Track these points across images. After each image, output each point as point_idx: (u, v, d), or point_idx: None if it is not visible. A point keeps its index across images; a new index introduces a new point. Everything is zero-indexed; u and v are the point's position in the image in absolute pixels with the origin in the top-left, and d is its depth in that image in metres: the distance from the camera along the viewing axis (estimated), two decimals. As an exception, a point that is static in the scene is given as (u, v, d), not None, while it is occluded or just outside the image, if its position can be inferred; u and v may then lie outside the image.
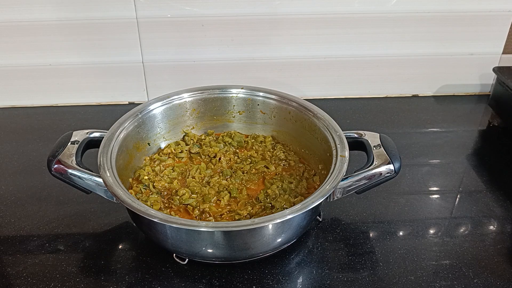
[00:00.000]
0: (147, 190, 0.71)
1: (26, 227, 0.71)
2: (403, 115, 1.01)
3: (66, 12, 0.91)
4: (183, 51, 0.98)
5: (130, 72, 1.00)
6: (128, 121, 0.73)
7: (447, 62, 1.04)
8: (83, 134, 0.70)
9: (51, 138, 0.81)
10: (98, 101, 1.04)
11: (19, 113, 1.01)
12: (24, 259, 0.65)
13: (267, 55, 0.99)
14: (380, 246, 0.68)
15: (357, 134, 0.72)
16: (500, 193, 0.79)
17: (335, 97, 1.06)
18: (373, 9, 0.95)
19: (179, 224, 0.55)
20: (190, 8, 0.93)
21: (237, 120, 0.84)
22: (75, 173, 0.65)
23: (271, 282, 0.62)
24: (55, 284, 0.61)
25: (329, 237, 0.69)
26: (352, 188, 0.66)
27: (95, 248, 0.67)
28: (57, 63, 0.98)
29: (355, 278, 0.63)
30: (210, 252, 0.59)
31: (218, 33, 0.96)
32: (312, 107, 0.76)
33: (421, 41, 1.00)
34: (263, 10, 0.94)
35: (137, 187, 0.71)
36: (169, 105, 0.79)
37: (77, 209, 0.74)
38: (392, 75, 1.05)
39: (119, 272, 0.63)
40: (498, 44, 1.02)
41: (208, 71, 1.01)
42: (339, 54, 1.01)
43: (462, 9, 0.97)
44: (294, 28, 0.96)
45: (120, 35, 0.95)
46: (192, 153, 0.79)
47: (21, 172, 0.82)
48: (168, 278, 0.62)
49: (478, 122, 1.01)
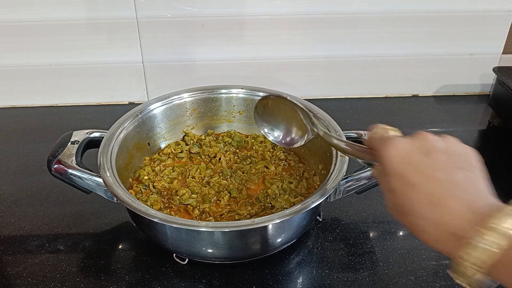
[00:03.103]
0: (147, 190, 0.71)
1: (26, 227, 0.71)
2: (403, 115, 1.01)
3: (66, 12, 0.91)
4: (183, 51, 0.98)
5: (130, 72, 1.00)
6: (128, 121, 0.73)
7: (447, 62, 1.04)
8: (83, 134, 0.70)
9: (51, 138, 0.82)
10: (98, 101, 1.04)
11: (19, 113, 1.01)
12: (24, 259, 0.65)
13: (267, 55, 0.99)
14: (380, 246, 0.68)
15: (357, 134, 0.72)
16: (500, 193, 0.78)
17: (335, 97, 1.06)
18: (373, 9, 0.95)
19: (179, 224, 0.55)
20: (190, 8, 0.93)
21: (237, 120, 0.84)
22: (75, 173, 0.65)
23: (271, 282, 0.62)
24: (55, 284, 0.61)
25: (329, 237, 0.69)
26: (352, 188, 0.66)
27: (95, 248, 0.67)
28: (57, 63, 0.98)
29: (355, 278, 0.63)
30: (210, 252, 0.59)
31: (218, 33, 0.96)
32: (312, 107, 0.76)
33: (421, 41, 1.00)
34: (263, 10, 0.94)
35: (137, 187, 0.71)
36: (169, 105, 0.79)
37: (77, 209, 0.74)
38: (392, 75, 1.05)
39: (119, 272, 0.63)
40: (498, 44, 1.02)
41: (208, 71, 1.01)
42: (339, 54, 1.01)
43: (462, 9, 0.97)
44: (294, 28, 0.96)
45: (120, 35, 0.95)
46: (192, 153, 0.79)
47: (21, 172, 0.82)
48: (168, 278, 0.62)
49: (478, 122, 1.01)
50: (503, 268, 0.33)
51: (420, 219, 0.37)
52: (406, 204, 0.38)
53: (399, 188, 0.39)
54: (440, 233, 0.36)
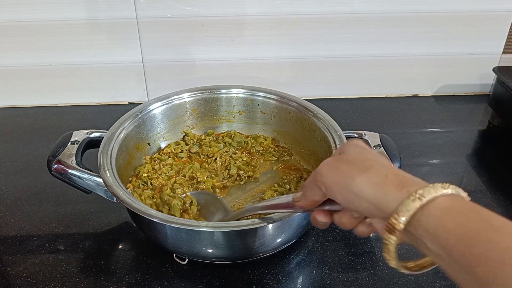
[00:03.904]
0: (144, 186, 0.71)
1: (26, 227, 0.71)
2: (403, 115, 1.01)
3: (66, 12, 0.91)
4: (183, 51, 0.98)
5: (130, 72, 1.00)
6: (128, 121, 0.73)
7: (447, 62, 1.04)
8: (83, 134, 0.70)
9: (51, 138, 0.82)
10: (98, 101, 1.04)
11: (19, 113, 1.01)
12: (24, 259, 0.65)
13: (267, 55, 0.99)
14: (380, 246, 0.68)
15: (357, 134, 0.72)
16: (500, 193, 0.79)
17: (335, 97, 1.06)
18: (373, 9, 0.95)
19: (179, 224, 0.55)
20: (190, 8, 0.93)
21: (237, 120, 0.84)
22: (75, 173, 0.65)
23: (271, 282, 0.62)
24: (55, 284, 0.61)
25: (329, 237, 0.69)
26: (352, 188, 0.66)
27: (95, 248, 0.67)
28: (57, 63, 0.98)
29: (355, 278, 0.63)
30: (210, 252, 0.59)
31: (218, 33, 0.96)
32: (312, 107, 0.76)
33: (421, 41, 1.00)
34: (263, 10, 0.94)
35: (136, 181, 0.71)
36: (169, 105, 0.79)
37: (77, 209, 0.74)
38: (392, 75, 1.05)
39: (119, 272, 0.63)
40: (498, 44, 1.02)
41: (208, 71, 1.01)
42: (339, 54, 1.01)
43: (462, 9, 0.97)
44: (294, 28, 0.96)
45: (120, 35, 0.95)
46: (191, 153, 0.79)
47: (21, 172, 0.82)
48: (168, 278, 0.62)
49: (478, 122, 1.01)
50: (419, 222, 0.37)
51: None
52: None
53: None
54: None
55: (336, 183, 0.42)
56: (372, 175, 0.40)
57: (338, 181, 0.42)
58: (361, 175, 0.41)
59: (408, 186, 0.38)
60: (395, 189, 0.38)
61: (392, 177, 0.40)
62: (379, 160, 0.44)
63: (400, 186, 0.38)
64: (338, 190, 0.42)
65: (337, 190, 0.42)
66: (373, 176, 0.40)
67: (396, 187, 0.38)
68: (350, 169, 0.42)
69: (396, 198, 0.38)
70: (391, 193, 0.38)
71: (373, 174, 0.40)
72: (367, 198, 0.40)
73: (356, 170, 0.41)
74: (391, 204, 0.38)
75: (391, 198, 0.38)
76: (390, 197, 0.38)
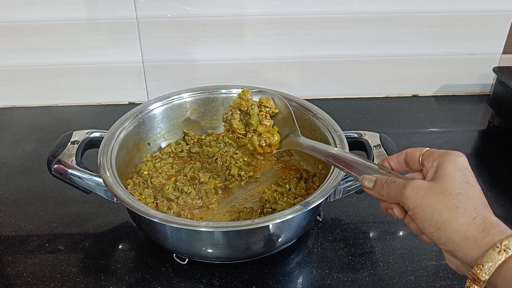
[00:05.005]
0: (145, 184, 0.71)
1: (26, 227, 0.71)
2: (403, 115, 1.01)
3: (66, 12, 0.91)
4: (183, 51, 0.98)
5: (130, 72, 1.00)
6: (128, 121, 0.73)
7: (447, 62, 1.04)
8: (83, 134, 0.70)
9: (51, 138, 0.82)
10: (98, 101, 1.04)
11: (19, 113, 1.01)
12: (24, 259, 0.65)
13: (267, 55, 0.99)
14: (380, 246, 0.68)
15: (357, 134, 0.72)
16: (500, 193, 0.79)
17: (335, 97, 1.06)
18: (373, 9, 0.95)
19: (179, 224, 0.55)
20: (190, 8, 0.93)
21: (237, 120, 0.84)
22: (75, 173, 0.65)
23: (271, 282, 0.62)
24: (55, 284, 0.61)
25: (329, 237, 0.69)
26: (352, 188, 0.66)
27: (95, 248, 0.67)
28: (57, 63, 0.98)
29: (355, 278, 0.63)
30: (210, 252, 0.59)
31: (218, 33, 0.96)
32: (312, 107, 0.76)
33: (421, 41, 1.00)
34: (263, 10, 0.94)
35: (137, 178, 0.71)
36: (169, 105, 0.79)
37: (77, 209, 0.74)
38: (392, 75, 1.05)
39: (119, 272, 0.63)
40: (498, 44, 1.02)
41: (208, 71, 1.01)
42: (339, 54, 1.01)
43: (462, 9, 0.97)
44: (294, 28, 0.96)
45: (120, 35, 0.95)
46: (192, 153, 0.79)
47: (21, 172, 0.82)
48: (168, 278, 0.62)
49: (478, 122, 1.01)
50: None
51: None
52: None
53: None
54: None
55: (421, 210, 0.42)
56: (459, 215, 0.40)
57: (423, 210, 0.42)
58: (449, 213, 0.40)
59: (493, 234, 0.38)
60: (479, 235, 0.39)
61: (479, 220, 0.40)
62: (471, 194, 0.42)
63: (485, 232, 0.39)
64: (422, 218, 0.42)
65: (421, 217, 0.42)
66: (461, 217, 0.40)
67: (481, 233, 0.39)
68: (439, 203, 0.41)
69: (480, 245, 0.38)
70: (475, 239, 0.39)
71: (461, 215, 0.40)
72: (450, 237, 0.40)
73: (445, 206, 0.41)
74: (474, 251, 0.39)
75: (474, 245, 0.39)
76: (473, 244, 0.39)
